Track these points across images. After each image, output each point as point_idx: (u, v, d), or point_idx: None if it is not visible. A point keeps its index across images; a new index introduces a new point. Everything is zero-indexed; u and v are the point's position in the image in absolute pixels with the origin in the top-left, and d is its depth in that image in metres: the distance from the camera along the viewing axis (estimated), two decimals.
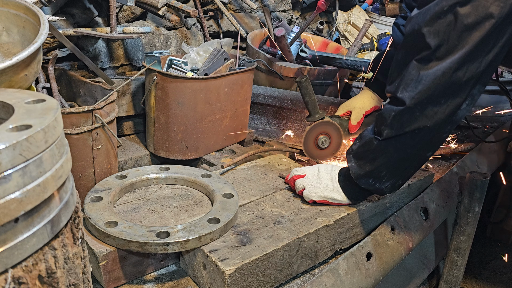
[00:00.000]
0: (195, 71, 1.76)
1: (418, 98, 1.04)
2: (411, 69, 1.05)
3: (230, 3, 2.61)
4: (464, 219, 1.66)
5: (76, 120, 1.25)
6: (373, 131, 1.18)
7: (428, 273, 1.84)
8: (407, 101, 1.05)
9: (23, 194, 0.53)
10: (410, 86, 1.05)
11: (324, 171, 1.30)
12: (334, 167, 1.31)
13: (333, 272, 1.17)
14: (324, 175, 1.29)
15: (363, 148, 1.20)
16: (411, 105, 1.05)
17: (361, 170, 1.20)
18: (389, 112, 1.11)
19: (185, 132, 1.64)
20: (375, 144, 1.16)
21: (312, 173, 1.31)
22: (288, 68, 2.14)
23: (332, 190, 1.27)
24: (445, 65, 1.00)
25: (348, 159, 1.25)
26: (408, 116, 1.07)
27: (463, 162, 1.91)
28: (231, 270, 0.98)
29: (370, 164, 1.18)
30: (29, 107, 0.63)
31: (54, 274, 0.61)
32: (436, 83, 1.02)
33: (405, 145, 1.12)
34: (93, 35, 1.66)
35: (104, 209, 1.12)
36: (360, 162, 1.20)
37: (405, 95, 1.06)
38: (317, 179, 1.28)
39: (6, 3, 1.14)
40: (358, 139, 1.24)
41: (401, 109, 1.07)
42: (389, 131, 1.11)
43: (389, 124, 1.11)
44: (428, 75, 1.02)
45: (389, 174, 1.19)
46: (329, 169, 1.31)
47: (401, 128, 1.09)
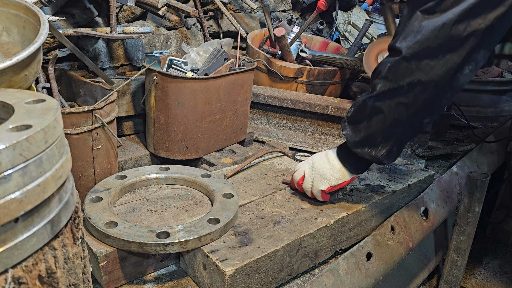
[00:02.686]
0: (195, 71, 1.76)
1: (415, 48, 1.01)
2: (413, 20, 1.02)
3: (230, 3, 2.61)
4: (464, 219, 1.66)
5: (76, 120, 1.25)
6: (367, 92, 1.15)
7: (428, 273, 1.84)
8: (404, 50, 1.02)
9: (23, 194, 0.53)
10: (410, 36, 1.01)
11: (318, 159, 1.28)
12: (328, 151, 1.30)
13: (333, 272, 1.17)
14: (319, 162, 1.27)
15: (357, 112, 1.16)
16: (407, 54, 1.02)
17: (356, 136, 1.17)
18: (385, 64, 1.07)
19: (185, 132, 1.64)
20: (369, 105, 1.12)
21: (308, 169, 1.29)
22: (288, 68, 2.14)
23: (331, 174, 1.25)
24: (446, 16, 0.96)
25: (343, 127, 1.21)
26: (404, 67, 1.03)
27: (463, 162, 1.91)
28: (231, 271, 0.98)
29: (365, 128, 1.15)
30: (29, 107, 0.63)
31: (54, 274, 0.61)
32: (435, 34, 0.98)
33: (399, 103, 1.08)
34: (93, 35, 1.66)
35: (104, 210, 1.12)
36: (355, 127, 1.17)
37: (403, 44, 1.02)
38: (314, 172, 1.27)
39: (6, 3, 1.14)
40: (352, 105, 1.20)
41: (397, 59, 1.04)
42: (382, 84, 1.07)
43: (384, 76, 1.07)
44: (429, 25, 0.99)
45: (384, 140, 1.15)
46: (323, 155, 1.29)
47: (395, 80, 1.05)
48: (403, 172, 1.55)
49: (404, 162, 1.64)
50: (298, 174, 1.33)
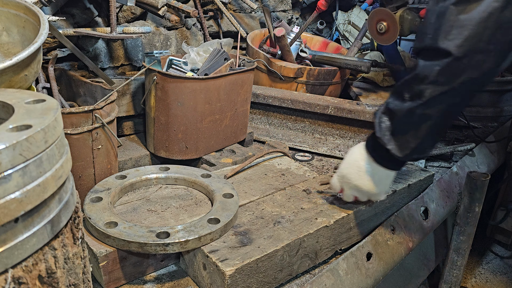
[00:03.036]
0: (195, 71, 1.76)
1: (466, 45, 0.92)
2: (448, 15, 0.94)
3: (230, 3, 2.61)
4: (464, 219, 1.66)
5: (76, 120, 1.25)
6: (402, 99, 1.04)
7: (428, 273, 1.84)
8: (454, 50, 0.93)
9: (23, 194, 0.53)
10: (453, 34, 0.93)
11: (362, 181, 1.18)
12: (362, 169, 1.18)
13: (333, 272, 1.17)
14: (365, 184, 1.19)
15: (402, 122, 1.06)
16: (459, 54, 0.93)
17: (405, 149, 1.08)
18: (431, 67, 0.98)
19: (185, 132, 1.63)
20: (417, 113, 1.02)
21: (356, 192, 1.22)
22: (288, 68, 2.14)
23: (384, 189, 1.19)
24: (489, 4, 0.90)
25: (386, 141, 1.09)
26: (456, 68, 0.95)
27: (463, 162, 1.91)
28: (231, 271, 0.98)
29: (414, 139, 1.06)
30: (29, 107, 0.63)
31: (54, 274, 0.61)
32: (483, 26, 0.90)
33: (449, 103, 1.01)
34: (93, 35, 1.66)
35: (104, 210, 1.12)
36: (401, 140, 1.07)
37: (450, 44, 0.94)
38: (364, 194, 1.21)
39: (6, 3, 1.14)
40: (385, 115, 1.09)
41: (447, 61, 0.95)
42: (433, 89, 0.99)
43: (433, 81, 0.98)
44: (472, 18, 0.91)
45: (432, 142, 1.09)
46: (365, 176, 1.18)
47: (448, 83, 0.97)
48: (403, 172, 1.55)
49: None
50: (347, 197, 1.26)
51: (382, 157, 1.14)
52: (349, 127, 1.96)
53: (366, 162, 1.16)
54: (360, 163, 1.17)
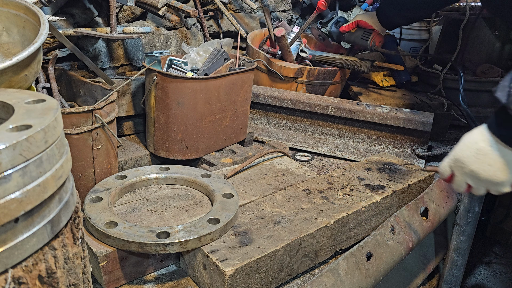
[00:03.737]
0: (195, 71, 1.76)
1: None
2: None
3: (230, 3, 2.61)
4: (464, 219, 1.66)
5: (76, 120, 1.25)
6: None
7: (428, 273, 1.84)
8: None
9: (23, 194, 0.53)
10: None
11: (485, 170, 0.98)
12: (489, 153, 0.97)
13: (333, 272, 1.17)
14: (490, 174, 0.97)
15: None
16: None
17: None
18: None
19: (185, 132, 1.63)
20: None
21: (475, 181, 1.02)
22: (288, 68, 2.14)
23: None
24: None
25: None
26: None
27: None
28: (231, 271, 0.98)
29: None
30: (29, 107, 0.63)
31: (54, 274, 0.61)
32: None
33: None
34: (93, 35, 1.66)
35: (104, 210, 1.12)
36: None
37: None
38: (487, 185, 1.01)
39: (6, 3, 1.14)
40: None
41: None
42: None
43: None
44: None
45: None
46: (489, 162, 0.97)
47: None
48: (403, 172, 1.55)
49: (404, 162, 1.64)
50: (458, 185, 1.08)
51: (510, 133, 0.94)
52: (349, 127, 1.96)
53: (489, 144, 0.97)
54: (480, 144, 0.98)
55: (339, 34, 2.33)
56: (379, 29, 2.18)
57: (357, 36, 2.25)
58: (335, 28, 2.34)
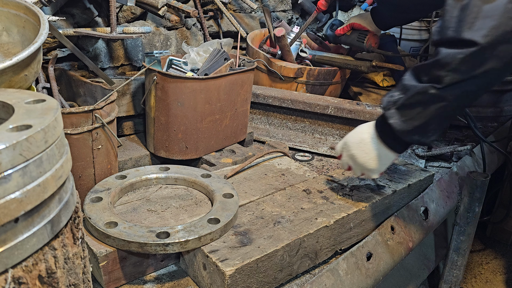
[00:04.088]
0: (195, 71, 1.76)
1: (492, 35, 0.93)
2: (472, 7, 0.96)
3: (230, 3, 2.61)
4: (464, 219, 1.66)
5: (76, 120, 1.25)
6: (418, 80, 1.07)
7: (428, 273, 1.84)
8: (480, 39, 0.94)
9: (23, 194, 0.53)
10: (477, 24, 0.95)
11: (361, 154, 1.22)
12: (364, 139, 1.22)
13: (333, 272, 1.17)
14: (363, 157, 1.22)
15: (412, 99, 1.07)
16: (485, 43, 0.94)
17: (407, 125, 1.09)
18: (454, 56, 0.99)
19: (185, 132, 1.64)
20: (430, 93, 1.04)
21: (352, 163, 1.26)
22: (288, 68, 2.14)
23: (380, 166, 1.22)
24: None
25: (388, 115, 1.12)
26: (480, 58, 0.97)
27: (463, 162, 1.91)
28: (231, 271, 0.98)
29: (420, 117, 1.07)
30: (29, 107, 0.63)
31: (54, 274, 0.61)
32: (507, 17, 0.92)
33: (466, 91, 1.02)
34: (93, 35, 1.66)
35: (104, 210, 1.12)
36: (406, 116, 1.09)
37: (475, 34, 0.95)
38: (361, 167, 1.24)
39: (6, 3, 1.14)
40: (398, 91, 1.11)
41: (472, 51, 0.96)
42: (453, 77, 1.00)
43: (454, 69, 0.99)
44: (497, 9, 0.93)
45: (437, 127, 1.10)
46: (364, 147, 1.22)
47: (469, 72, 0.99)
48: (403, 172, 1.55)
49: (404, 162, 1.64)
50: (343, 164, 1.31)
51: (386, 134, 1.17)
52: (349, 127, 1.96)
53: (370, 136, 1.20)
54: (364, 135, 1.21)
55: (335, 37, 2.33)
56: (374, 29, 2.17)
57: (353, 38, 2.26)
58: (331, 31, 2.35)
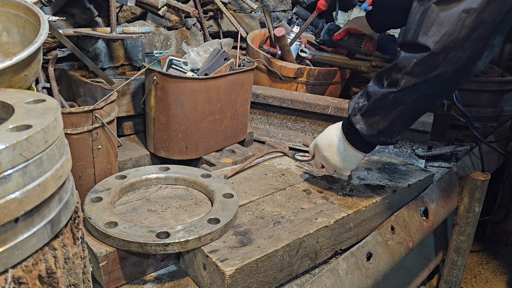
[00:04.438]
0: (195, 71, 1.76)
1: (443, 41, 0.99)
2: (430, 13, 1.00)
3: (230, 3, 2.61)
4: (464, 219, 1.66)
5: (76, 120, 1.25)
6: (381, 85, 1.13)
7: (428, 273, 1.84)
8: (432, 45, 1.00)
9: (23, 194, 0.53)
10: (432, 30, 1.00)
11: (330, 154, 1.31)
12: (332, 140, 1.30)
13: (333, 272, 1.17)
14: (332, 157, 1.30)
15: (375, 105, 1.14)
16: (436, 49, 1.00)
17: (372, 129, 1.17)
18: (409, 59, 1.05)
19: (185, 132, 1.64)
20: (390, 98, 1.11)
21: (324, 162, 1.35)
22: (288, 68, 2.14)
23: (348, 164, 1.30)
24: (467, 5, 0.95)
25: (354, 121, 1.19)
26: (432, 62, 1.02)
27: (463, 162, 1.91)
28: (231, 271, 0.98)
29: (383, 121, 1.15)
30: (29, 107, 0.63)
31: (54, 274, 0.61)
32: (460, 25, 0.96)
33: (422, 94, 1.08)
34: (93, 35, 1.66)
35: (104, 210, 1.12)
36: (370, 121, 1.16)
37: (428, 40, 1.00)
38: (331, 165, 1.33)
39: (6, 3, 1.14)
40: (362, 97, 1.18)
41: (425, 55, 1.02)
42: (408, 80, 1.06)
43: (409, 72, 1.05)
44: (451, 17, 0.97)
45: (401, 128, 1.17)
46: (332, 148, 1.30)
47: (422, 75, 1.04)
48: (403, 172, 1.55)
49: (404, 162, 1.64)
50: (316, 163, 1.39)
51: (353, 137, 1.24)
52: None
53: (338, 139, 1.28)
54: (333, 138, 1.29)
55: (332, 42, 2.34)
56: (370, 33, 2.17)
57: (350, 43, 2.27)
58: (328, 36, 2.36)
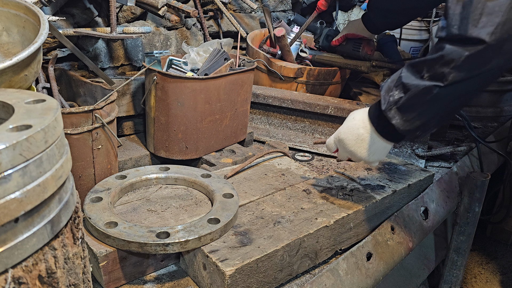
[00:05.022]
0: (195, 71, 1.76)
1: (498, 32, 0.92)
2: (476, 3, 0.94)
3: (230, 3, 2.61)
4: (464, 219, 1.66)
5: (76, 120, 1.25)
6: (420, 77, 1.04)
7: (428, 273, 1.84)
8: (487, 37, 0.92)
9: (23, 194, 0.53)
10: (482, 22, 0.93)
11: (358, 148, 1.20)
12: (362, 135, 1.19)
13: (333, 272, 1.17)
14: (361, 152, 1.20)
15: (414, 99, 1.06)
16: (492, 41, 0.93)
17: (410, 125, 1.09)
18: (460, 53, 0.97)
19: (185, 132, 1.64)
20: (433, 93, 1.02)
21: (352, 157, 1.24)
22: (288, 68, 2.14)
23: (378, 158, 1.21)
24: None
25: (390, 116, 1.10)
26: (486, 55, 0.95)
27: (463, 162, 1.91)
28: (231, 271, 0.98)
29: (422, 116, 1.07)
30: (29, 107, 0.63)
31: (54, 274, 0.61)
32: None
33: (468, 89, 1.02)
34: (93, 35, 1.66)
35: (104, 210, 1.12)
36: (408, 116, 1.08)
37: (481, 32, 0.93)
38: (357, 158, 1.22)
39: (6, 3, 1.14)
40: (397, 89, 1.08)
41: (480, 49, 0.94)
42: (457, 74, 0.99)
43: (459, 66, 0.98)
44: (501, 5, 0.91)
45: (438, 123, 1.11)
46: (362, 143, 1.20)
47: (474, 69, 0.98)
48: (403, 172, 1.55)
49: (404, 162, 1.64)
50: (341, 157, 1.29)
51: (384, 129, 1.15)
52: None
53: (366, 131, 1.18)
54: (360, 131, 1.19)
55: (331, 47, 2.36)
56: (367, 35, 2.17)
57: (348, 48, 2.28)
58: (327, 42, 2.38)
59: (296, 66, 2.16)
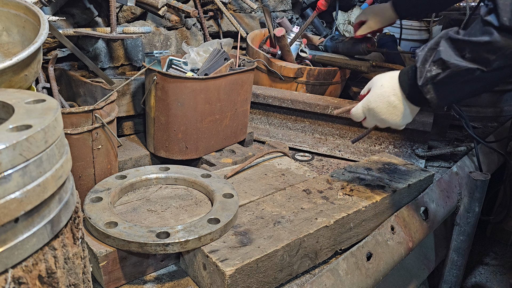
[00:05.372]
0: (195, 71, 1.76)
1: None
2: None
3: (230, 3, 2.61)
4: (464, 219, 1.66)
5: (76, 120, 1.25)
6: (461, 57, 1.04)
7: (428, 273, 1.84)
8: None
9: (23, 194, 0.53)
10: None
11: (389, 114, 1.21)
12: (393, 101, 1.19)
13: (333, 272, 1.17)
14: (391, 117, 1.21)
15: (453, 78, 1.06)
16: None
17: (444, 101, 1.12)
18: (509, 45, 0.98)
19: (185, 132, 1.64)
20: (475, 75, 1.04)
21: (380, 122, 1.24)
22: (288, 68, 2.14)
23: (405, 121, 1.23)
24: None
25: (425, 91, 1.11)
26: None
27: (463, 162, 1.91)
28: (231, 271, 0.98)
29: (457, 93, 1.10)
30: (29, 107, 0.63)
31: (54, 274, 0.61)
32: None
33: (506, 73, 1.04)
34: (93, 35, 1.66)
35: (104, 210, 1.12)
36: (443, 92, 1.10)
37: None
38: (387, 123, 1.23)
39: (6, 3, 1.14)
40: (435, 65, 1.08)
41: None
42: (502, 62, 1.00)
43: (505, 56, 0.99)
44: None
45: (470, 97, 1.16)
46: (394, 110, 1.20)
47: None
48: (403, 172, 1.55)
49: (404, 162, 1.64)
50: (368, 124, 1.29)
51: (416, 99, 1.16)
52: (349, 127, 1.96)
53: (398, 98, 1.18)
54: (391, 98, 1.19)
55: (333, 46, 2.39)
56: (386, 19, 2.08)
57: (349, 43, 2.31)
58: (330, 42, 2.42)
59: (296, 66, 2.16)
